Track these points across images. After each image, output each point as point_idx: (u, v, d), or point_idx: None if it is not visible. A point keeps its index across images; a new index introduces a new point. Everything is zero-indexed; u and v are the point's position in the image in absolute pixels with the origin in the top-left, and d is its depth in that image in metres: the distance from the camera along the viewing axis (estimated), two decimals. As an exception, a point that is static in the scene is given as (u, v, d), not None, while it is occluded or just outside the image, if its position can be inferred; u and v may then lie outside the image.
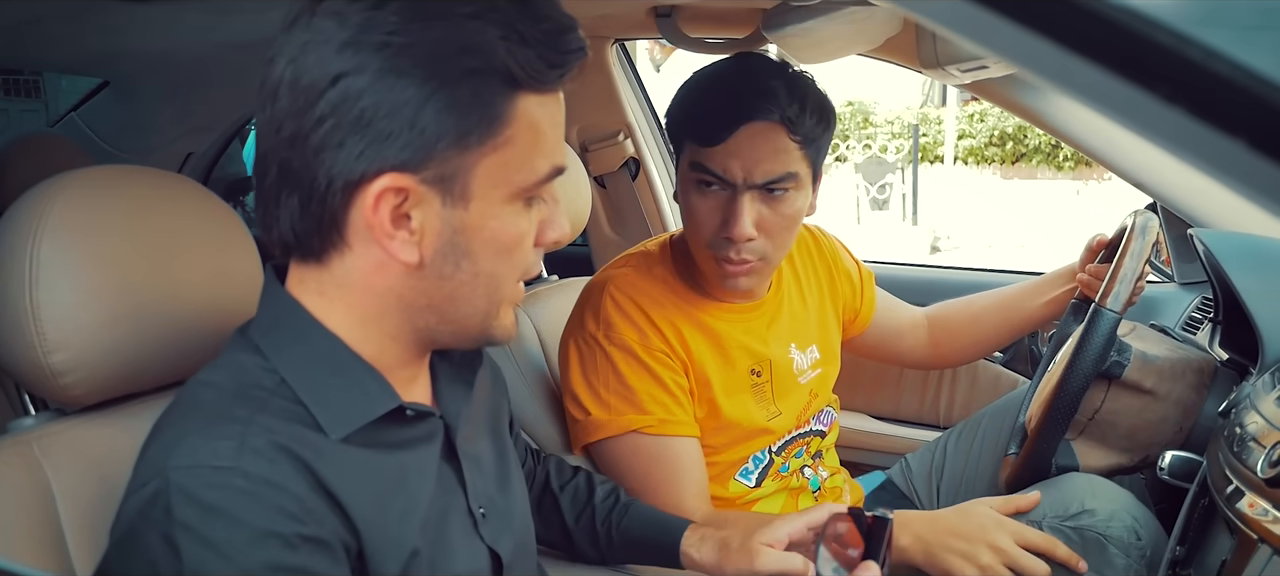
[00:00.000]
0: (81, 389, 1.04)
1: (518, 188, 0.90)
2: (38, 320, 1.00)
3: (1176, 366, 1.61)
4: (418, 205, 0.88)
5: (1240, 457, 1.24)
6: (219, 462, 0.83)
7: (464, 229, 0.90)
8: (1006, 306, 1.95)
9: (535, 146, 0.90)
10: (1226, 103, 0.40)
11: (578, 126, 2.58)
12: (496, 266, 0.93)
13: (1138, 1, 0.41)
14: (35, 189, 1.04)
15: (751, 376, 1.64)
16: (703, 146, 1.48)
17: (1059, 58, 0.44)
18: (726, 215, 1.49)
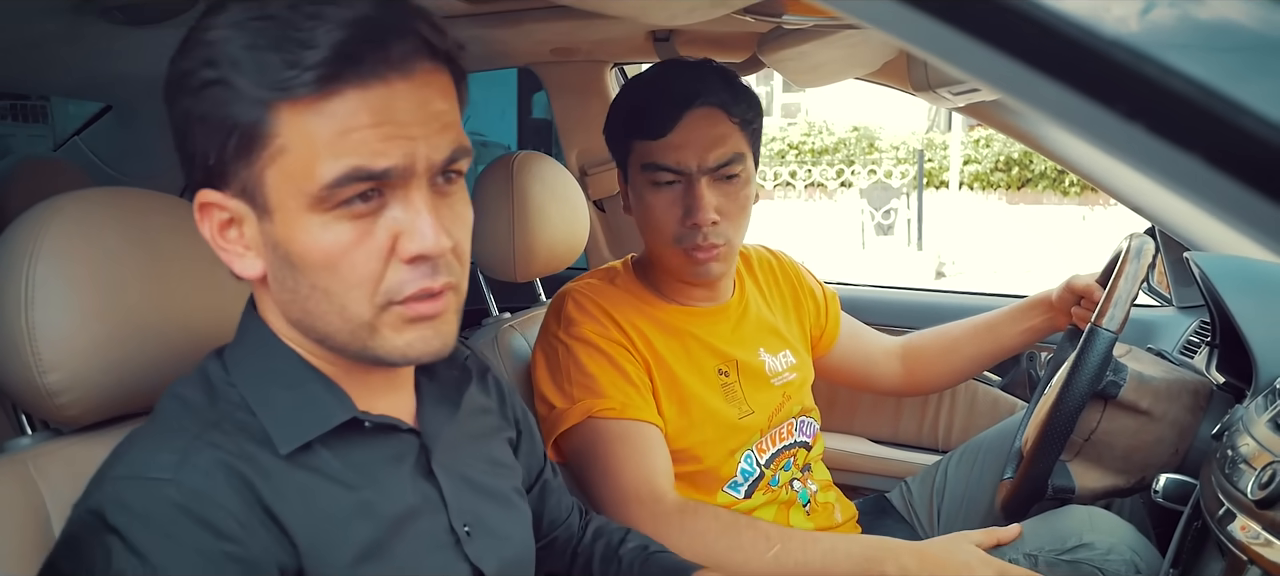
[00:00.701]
0: (77, 409, 1.05)
1: (310, 196, 0.85)
2: (33, 340, 1.00)
3: (1173, 387, 1.61)
4: (241, 220, 0.90)
5: (1232, 479, 1.24)
6: (156, 474, 0.85)
7: (279, 242, 0.89)
8: (981, 334, 1.95)
9: (313, 153, 0.84)
10: (1183, 119, 0.41)
11: (577, 150, 2.59)
12: (328, 282, 0.89)
13: (1093, 21, 0.41)
14: (32, 210, 1.05)
15: (719, 376, 1.66)
16: (651, 141, 1.54)
17: (1021, 74, 0.45)
18: (687, 205, 1.54)
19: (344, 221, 0.86)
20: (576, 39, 2.14)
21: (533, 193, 1.83)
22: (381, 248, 0.87)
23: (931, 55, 0.48)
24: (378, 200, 0.87)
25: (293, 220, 0.87)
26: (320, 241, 0.87)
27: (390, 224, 0.87)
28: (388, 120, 0.84)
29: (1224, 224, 0.40)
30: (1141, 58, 0.40)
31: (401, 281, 0.88)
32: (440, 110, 0.88)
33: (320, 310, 0.90)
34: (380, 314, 0.89)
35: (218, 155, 0.86)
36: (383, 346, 0.91)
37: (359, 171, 0.84)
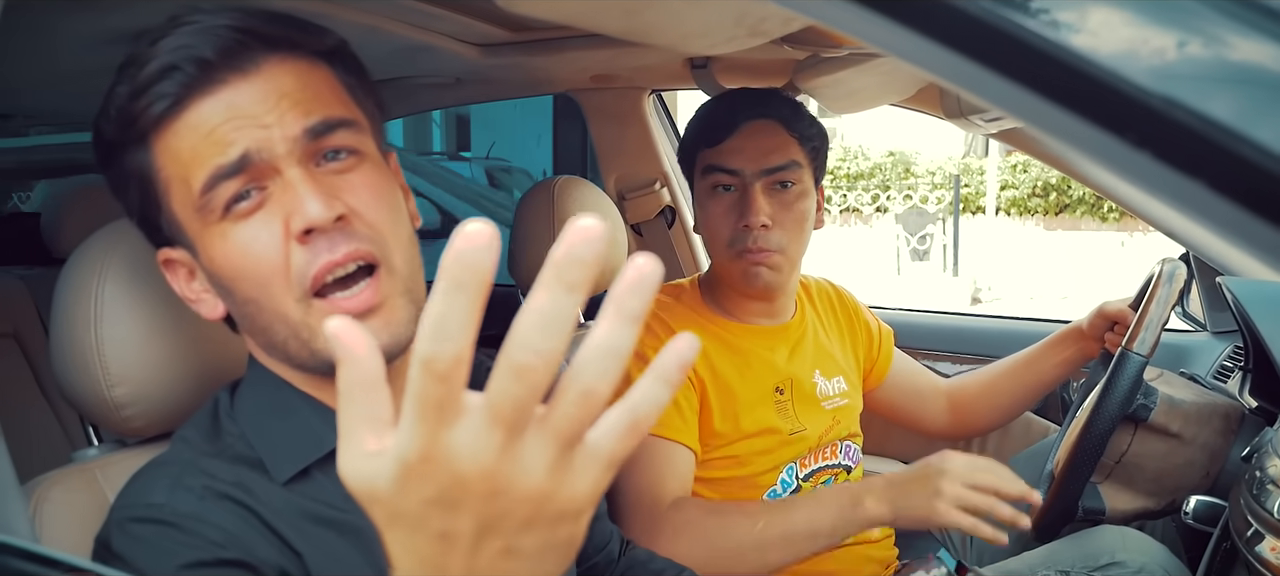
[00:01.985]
0: (140, 421, 1.10)
1: (197, 210, 0.90)
2: (102, 356, 1.06)
3: (1203, 411, 1.63)
4: (192, 268, 0.96)
5: (1260, 501, 1.25)
6: (151, 499, 0.90)
7: (208, 271, 0.94)
8: (1019, 372, 1.96)
9: (187, 171, 0.89)
10: (1187, 148, 0.44)
11: (615, 175, 2.63)
12: (250, 290, 0.91)
13: (1105, 57, 0.45)
14: (98, 234, 1.11)
15: (775, 393, 1.69)
16: (711, 147, 1.63)
17: (1034, 103, 0.48)
18: (741, 209, 1.61)
19: (236, 225, 0.89)
20: (616, 66, 2.19)
21: (573, 216, 1.87)
22: (277, 236, 0.89)
23: (955, 85, 0.52)
24: (260, 195, 0.89)
25: (206, 243, 0.91)
26: (228, 252, 0.90)
27: (278, 211, 0.89)
28: (234, 115, 0.87)
29: (1226, 243, 0.43)
30: (1146, 92, 0.44)
31: (304, 262, 0.89)
32: (289, 92, 0.90)
33: (263, 324, 0.93)
34: (308, 310, 0.90)
35: (139, 209, 0.95)
36: (326, 347, 0.89)
37: (218, 170, 0.87)
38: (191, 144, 0.88)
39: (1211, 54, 0.45)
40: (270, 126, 0.88)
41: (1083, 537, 1.59)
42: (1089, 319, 1.86)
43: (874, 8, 0.51)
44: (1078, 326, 1.89)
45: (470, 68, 1.99)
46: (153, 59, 0.86)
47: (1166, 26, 0.46)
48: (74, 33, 1.49)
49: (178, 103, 0.87)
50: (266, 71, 0.89)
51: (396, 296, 0.92)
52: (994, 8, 0.47)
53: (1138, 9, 0.47)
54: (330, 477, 0.95)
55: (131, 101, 0.88)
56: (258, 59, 0.89)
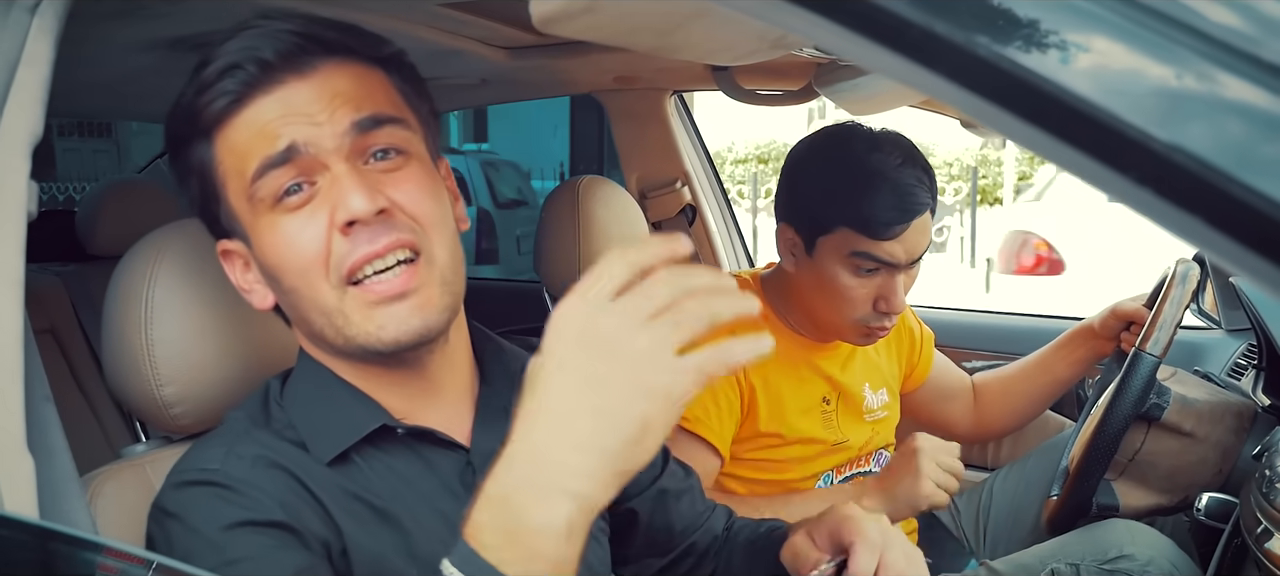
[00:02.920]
0: (188, 419, 1.15)
1: (249, 200, 0.95)
2: (152, 357, 1.11)
3: (1216, 410, 1.66)
4: (247, 258, 1.01)
5: (1269, 498, 1.29)
6: (205, 465, 0.95)
7: (258, 260, 0.99)
8: (1032, 375, 1.99)
9: (239, 164, 0.95)
10: (1185, 187, 0.48)
11: (636, 175, 2.67)
12: (293, 280, 0.95)
13: (1108, 101, 0.49)
14: (146, 239, 1.15)
15: (821, 404, 1.71)
16: (873, 239, 1.54)
17: (1052, 145, 0.52)
18: (883, 292, 1.58)
19: (285, 216, 0.94)
20: (638, 68, 2.22)
21: (597, 215, 1.92)
22: (322, 228, 0.93)
23: (975, 120, 0.56)
24: (310, 189, 0.94)
25: (257, 232, 0.96)
26: (275, 240, 0.95)
27: (326, 204, 0.93)
28: (286, 112, 0.93)
29: (1224, 266, 0.47)
30: (1148, 136, 0.48)
31: (344, 251, 0.93)
32: (342, 91, 0.94)
33: (305, 311, 0.97)
34: (343, 297, 0.94)
35: (201, 201, 1.00)
36: (358, 332, 0.95)
37: (266, 160, 0.92)
38: (247, 138, 0.93)
39: (1206, 99, 0.48)
40: (321, 123, 0.93)
41: (1092, 531, 1.63)
42: (1101, 318, 1.88)
43: (890, 46, 0.55)
44: (1089, 325, 1.91)
45: (496, 70, 2.03)
46: (218, 59, 0.93)
47: (1164, 70, 0.50)
48: (116, 40, 1.53)
49: (238, 100, 0.92)
50: (323, 73, 0.94)
51: (433, 285, 0.96)
52: (1005, 52, 0.51)
53: (1138, 54, 0.51)
54: (372, 466, 1.00)
55: (196, 98, 0.94)
56: (315, 62, 0.94)
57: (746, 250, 2.81)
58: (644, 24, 0.96)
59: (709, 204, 2.68)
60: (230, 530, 0.90)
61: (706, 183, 2.69)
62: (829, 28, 0.56)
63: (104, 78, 1.82)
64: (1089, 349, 1.91)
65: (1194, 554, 1.69)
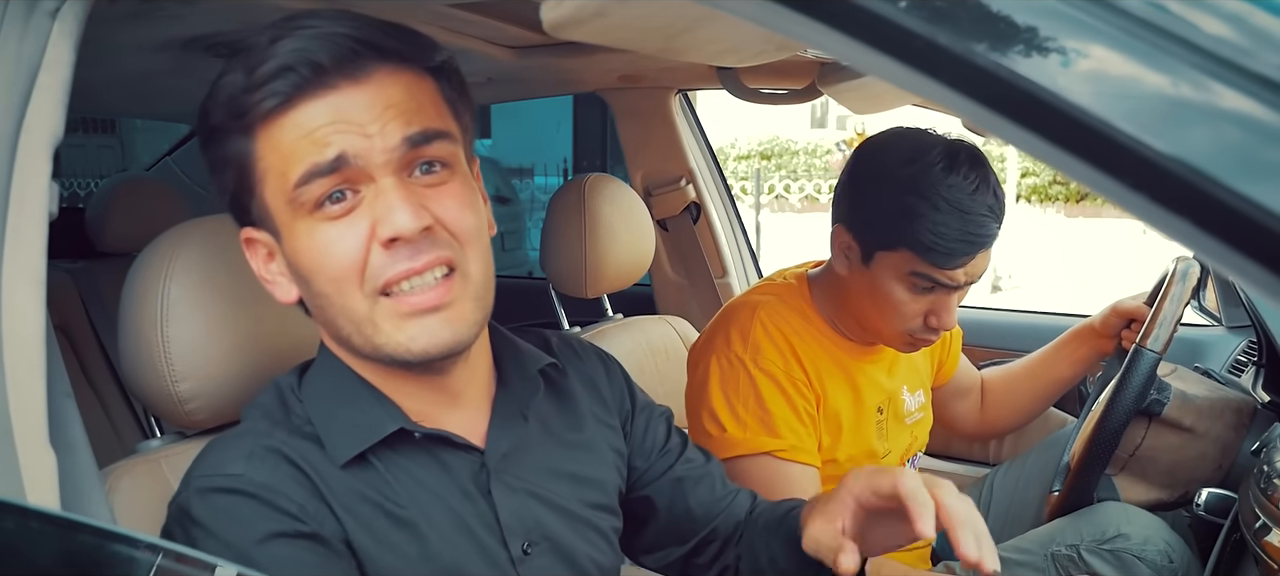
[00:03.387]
0: (202, 414, 1.17)
1: (289, 203, 0.94)
2: (167, 353, 1.13)
3: (1216, 406, 1.68)
4: (273, 250, 1.00)
5: (1267, 493, 1.31)
6: (230, 470, 0.95)
7: (289, 259, 0.98)
8: (1035, 373, 2.01)
9: (286, 164, 0.93)
10: (1175, 192, 0.50)
11: (641, 172, 2.70)
12: (325, 284, 0.95)
13: (1102, 109, 0.51)
14: (162, 238, 1.17)
15: (877, 414, 1.72)
16: (939, 268, 1.51)
17: (1051, 152, 0.54)
18: (936, 309, 1.57)
19: (324, 222, 0.94)
20: (643, 67, 2.24)
21: (603, 213, 1.94)
22: (361, 238, 0.93)
23: (975, 124, 0.58)
24: (353, 198, 0.93)
25: (292, 234, 0.96)
26: (311, 245, 0.94)
27: (367, 216, 0.93)
28: (338, 120, 0.91)
29: (1213, 265, 0.49)
30: (1141, 144, 0.50)
31: (382, 265, 0.93)
32: (395, 102, 0.93)
33: (332, 316, 0.98)
34: (374, 307, 0.95)
35: (233, 190, 0.99)
36: (388, 342, 0.96)
37: (313, 168, 0.91)
38: (293, 140, 0.92)
39: (1197, 108, 0.50)
40: (372, 135, 0.92)
41: (1089, 514, 1.65)
42: (1102, 317, 1.89)
43: (894, 55, 0.57)
44: (1091, 324, 1.92)
45: (503, 69, 2.05)
46: (271, 57, 0.91)
47: (1159, 81, 0.52)
48: (130, 40, 1.56)
49: (287, 100, 0.91)
50: (377, 80, 0.93)
51: (467, 300, 0.97)
52: (1003, 61, 0.54)
53: (1136, 65, 0.53)
54: (390, 469, 1.01)
55: (245, 94, 0.92)
56: (369, 68, 0.93)
57: (751, 248, 2.83)
58: (652, 27, 0.98)
59: (713, 201, 2.70)
60: (262, 543, 0.92)
61: (711, 180, 2.71)
62: (833, 36, 0.58)
63: (117, 76, 1.84)
64: (1091, 347, 1.93)
65: (1194, 548, 1.71)
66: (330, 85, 0.91)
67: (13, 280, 0.90)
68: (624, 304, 2.27)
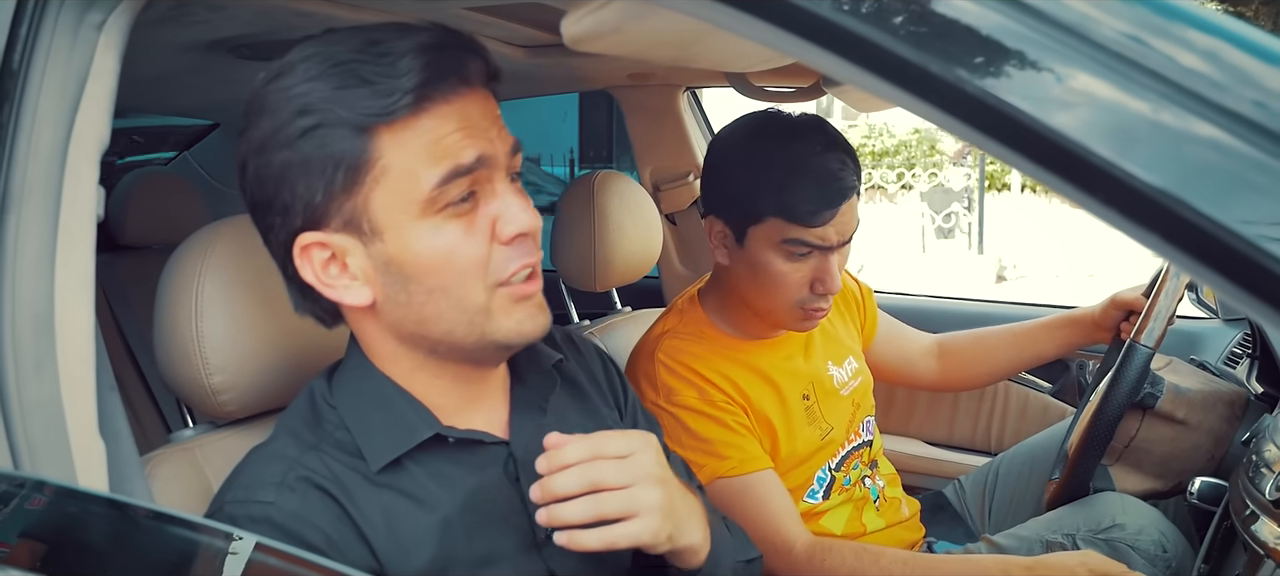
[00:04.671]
0: (234, 405, 1.22)
1: (418, 205, 0.97)
2: (201, 347, 1.18)
3: (1208, 399, 1.73)
4: (346, 253, 1.00)
5: (1255, 483, 1.35)
6: (262, 497, 0.99)
7: (391, 259, 0.99)
8: (1019, 343, 2.04)
9: (414, 166, 0.96)
10: (1144, 208, 0.55)
11: (650, 167, 2.74)
12: (444, 280, 0.99)
13: (1073, 130, 0.56)
14: (195, 236, 1.22)
15: (803, 401, 1.73)
16: (804, 226, 1.56)
17: (1033, 169, 0.60)
18: (819, 274, 1.60)
19: (451, 221, 0.98)
20: (653, 66, 2.29)
21: (612, 209, 1.99)
22: (485, 235, 1.00)
23: (961, 138, 0.63)
24: (473, 199, 0.99)
25: (404, 233, 0.98)
26: (435, 243, 0.98)
27: (487, 215, 1.00)
28: (466, 125, 0.98)
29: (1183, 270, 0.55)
30: (1112, 165, 0.55)
31: (504, 260, 1.01)
32: (495, 113, 1.02)
33: (437, 311, 1.01)
34: (491, 296, 1.01)
35: (325, 193, 0.97)
36: (499, 329, 1.02)
37: (456, 169, 0.96)
38: (427, 142, 0.96)
39: (1169, 135, 0.56)
40: (494, 140, 1.00)
41: (1086, 504, 1.70)
42: (1101, 309, 1.93)
43: (891, 81, 0.63)
44: (1090, 314, 1.96)
45: (515, 67, 2.09)
46: (403, 64, 0.94)
47: (1133, 106, 0.57)
48: (157, 43, 1.60)
49: (423, 100, 0.95)
50: (482, 92, 1.01)
51: (540, 291, 1.07)
52: (989, 87, 0.59)
53: (1109, 88, 0.58)
54: (423, 467, 1.06)
55: (376, 97, 0.94)
56: (475, 79, 1.00)
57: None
58: (666, 39, 1.03)
59: (720, 197, 2.74)
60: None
61: (718, 177, 2.75)
62: (832, 61, 0.64)
63: (143, 76, 1.89)
64: (1082, 334, 1.97)
65: (1193, 534, 1.76)
66: (458, 93, 0.98)
67: (65, 280, 0.96)
68: (632, 296, 2.33)
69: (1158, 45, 0.58)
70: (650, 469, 1.01)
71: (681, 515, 1.04)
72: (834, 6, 0.63)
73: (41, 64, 0.97)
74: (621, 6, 0.88)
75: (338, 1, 1.44)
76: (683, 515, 1.04)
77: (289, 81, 0.97)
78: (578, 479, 0.97)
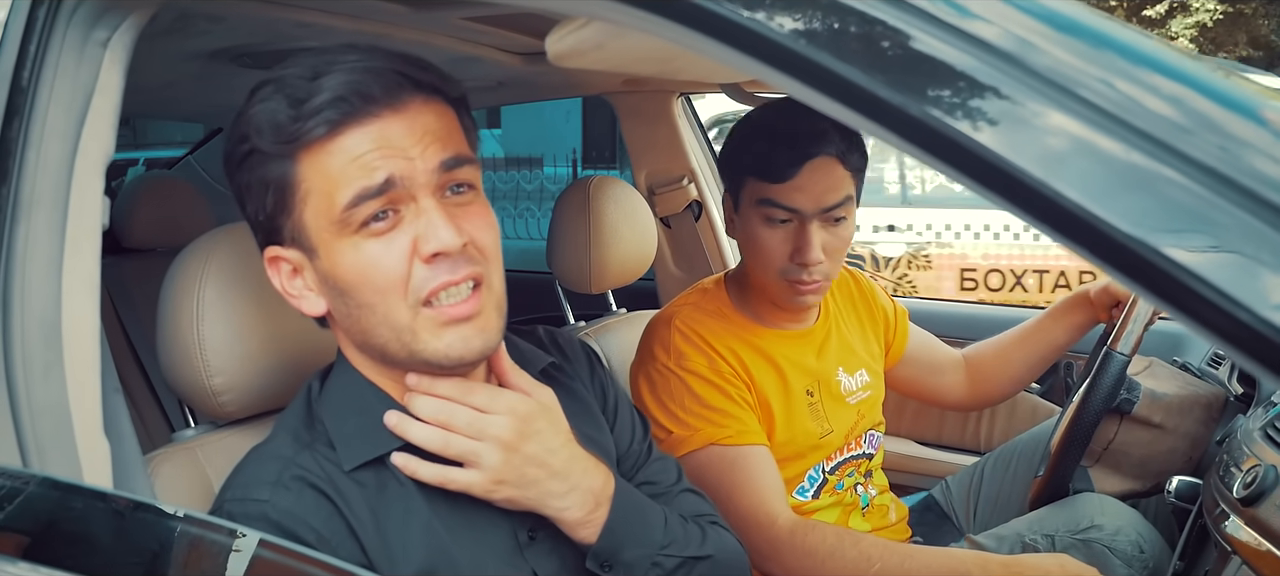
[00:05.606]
0: (234, 406, 1.26)
1: (335, 224, 1.01)
2: (203, 350, 1.21)
3: (1185, 403, 1.76)
4: (301, 267, 1.06)
5: (1225, 481, 1.39)
6: (258, 495, 1.03)
7: (327, 275, 1.04)
8: (1029, 339, 2.04)
9: (331, 187, 1.00)
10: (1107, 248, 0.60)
11: (645, 171, 2.78)
12: (368, 297, 1.02)
13: (1017, 158, 0.61)
14: (197, 243, 1.26)
15: (807, 396, 1.77)
16: (771, 184, 1.62)
17: (977, 188, 0.64)
18: (797, 244, 1.63)
19: (369, 240, 1.01)
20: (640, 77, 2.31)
21: (607, 213, 2.02)
22: (403, 253, 1.01)
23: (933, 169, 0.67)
24: (394, 217, 1.01)
25: (331, 251, 1.02)
26: (356, 262, 1.01)
27: (409, 234, 1.01)
28: (383, 145, 0.99)
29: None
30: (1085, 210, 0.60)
31: (424, 278, 1.01)
32: (432, 129, 1.02)
33: (369, 325, 1.05)
34: (416, 316, 1.02)
35: (267, 212, 1.04)
36: (426, 349, 1.04)
37: (363, 190, 0.99)
38: (341, 165, 0.99)
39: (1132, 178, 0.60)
40: (413, 159, 1.00)
41: (1065, 505, 1.73)
42: (1098, 288, 1.94)
43: (861, 111, 0.67)
44: (1086, 292, 1.96)
45: (512, 74, 2.12)
46: (320, 89, 0.98)
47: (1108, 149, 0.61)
48: (161, 52, 1.64)
49: (335, 128, 0.99)
50: (413, 109, 1.02)
51: (491, 310, 1.07)
52: (931, 111, 0.63)
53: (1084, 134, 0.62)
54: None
55: (293, 122, 0.99)
56: (407, 98, 1.02)
57: (751, 243, 2.89)
58: (647, 55, 1.07)
59: (714, 199, 2.77)
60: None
61: (712, 179, 2.78)
62: (792, 84, 0.68)
63: (147, 84, 1.92)
64: (1086, 314, 1.96)
65: (1175, 532, 1.79)
66: (374, 114, 0.99)
67: (72, 287, 1.00)
68: (628, 298, 2.36)
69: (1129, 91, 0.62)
70: (500, 432, 1.07)
71: (546, 487, 1.10)
72: (792, 34, 0.67)
73: (50, 80, 1.01)
74: (601, 26, 0.92)
75: (336, 12, 1.47)
76: (548, 487, 1.10)
77: (249, 106, 1.03)
78: (432, 409, 1.07)
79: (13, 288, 0.98)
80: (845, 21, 0.66)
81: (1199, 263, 0.58)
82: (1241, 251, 0.59)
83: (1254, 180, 0.59)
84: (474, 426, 1.07)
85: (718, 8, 0.69)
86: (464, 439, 1.07)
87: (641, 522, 1.18)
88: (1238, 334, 0.58)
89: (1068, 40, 0.64)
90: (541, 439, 1.11)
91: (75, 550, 0.93)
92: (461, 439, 1.06)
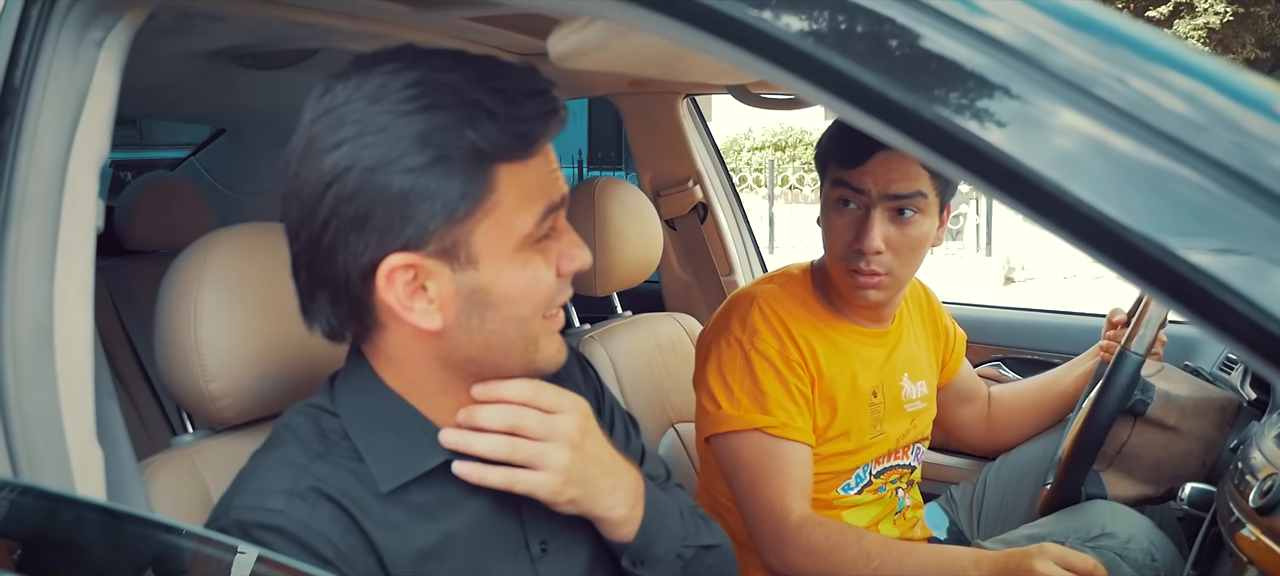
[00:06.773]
0: (232, 411, 1.24)
1: (518, 240, 1.00)
2: (200, 354, 1.19)
3: (1199, 405, 1.74)
4: (430, 277, 0.99)
5: (1240, 489, 1.37)
6: (272, 504, 0.99)
7: (480, 287, 1.00)
8: (1043, 387, 2.07)
9: (524, 202, 0.99)
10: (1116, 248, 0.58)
11: (650, 173, 2.76)
12: (523, 310, 1.03)
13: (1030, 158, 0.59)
14: (195, 245, 1.24)
15: (871, 396, 1.77)
16: (844, 168, 1.64)
17: (989, 190, 0.62)
18: (859, 229, 1.64)
19: (537, 255, 1.02)
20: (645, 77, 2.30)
21: (613, 215, 2.01)
22: (553, 266, 1.04)
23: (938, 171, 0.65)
24: (554, 233, 1.05)
25: (499, 265, 1.00)
26: (523, 275, 1.01)
27: (556, 250, 1.05)
28: (554, 164, 1.03)
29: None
30: (1063, 190, 0.57)
31: (560, 291, 1.06)
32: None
33: (506, 339, 1.04)
34: (542, 326, 1.06)
35: (444, 219, 0.96)
36: (542, 355, 1.07)
37: (551, 204, 1.02)
38: (533, 179, 1.00)
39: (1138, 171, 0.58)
40: (561, 179, 1.05)
41: (1076, 511, 1.71)
42: (1104, 332, 1.98)
43: (871, 113, 0.65)
44: (1098, 346, 2.00)
45: (515, 75, 2.11)
46: (523, 100, 0.98)
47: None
48: (162, 53, 1.63)
49: (541, 140, 1.00)
50: None
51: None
52: (941, 111, 0.61)
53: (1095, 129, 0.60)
54: (424, 485, 1.07)
55: (497, 126, 0.95)
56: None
57: (756, 245, 2.88)
58: (650, 56, 1.05)
59: (720, 201, 2.76)
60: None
61: (718, 181, 2.77)
62: (797, 83, 0.66)
63: (146, 84, 1.92)
64: (1096, 362, 1.98)
65: (1182, 540, 1.77)
66: (552, 133, 1.02)
67: (65, 291, 0.99)
68: (633, 301, 2.35)
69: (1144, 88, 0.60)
70: (569, 431, 1.08)
71: (600, 486, 1.11)
72: (800, 33, 0.65)
73: (43, 80, 0.99)
74: (604, 26, 0.91)
75: (337, 13, 1.46)
76: (602, 486, 1.11)
77: (397, 105, 0.95)
78: (501, 417, 1.06)
79: (4, 292, 0.97)
80: (854, 20, 0.64)
81: (1215, 264, 0.57)
82: (1259, 253, 0.57)
83: (1273, 178, 0.57)
84: (543, 427, 1.07)
85: (723, 6, 0.68)
86: (530, 443, 1.07)
87: (668, 517, 1.20)
88: (1255, 338, 0.56)
89: (1079, 36, 0.63)
90: (596, 437, 1.13)
91: (65, 561, 0.92)
92: (528, 444, 1.07)
